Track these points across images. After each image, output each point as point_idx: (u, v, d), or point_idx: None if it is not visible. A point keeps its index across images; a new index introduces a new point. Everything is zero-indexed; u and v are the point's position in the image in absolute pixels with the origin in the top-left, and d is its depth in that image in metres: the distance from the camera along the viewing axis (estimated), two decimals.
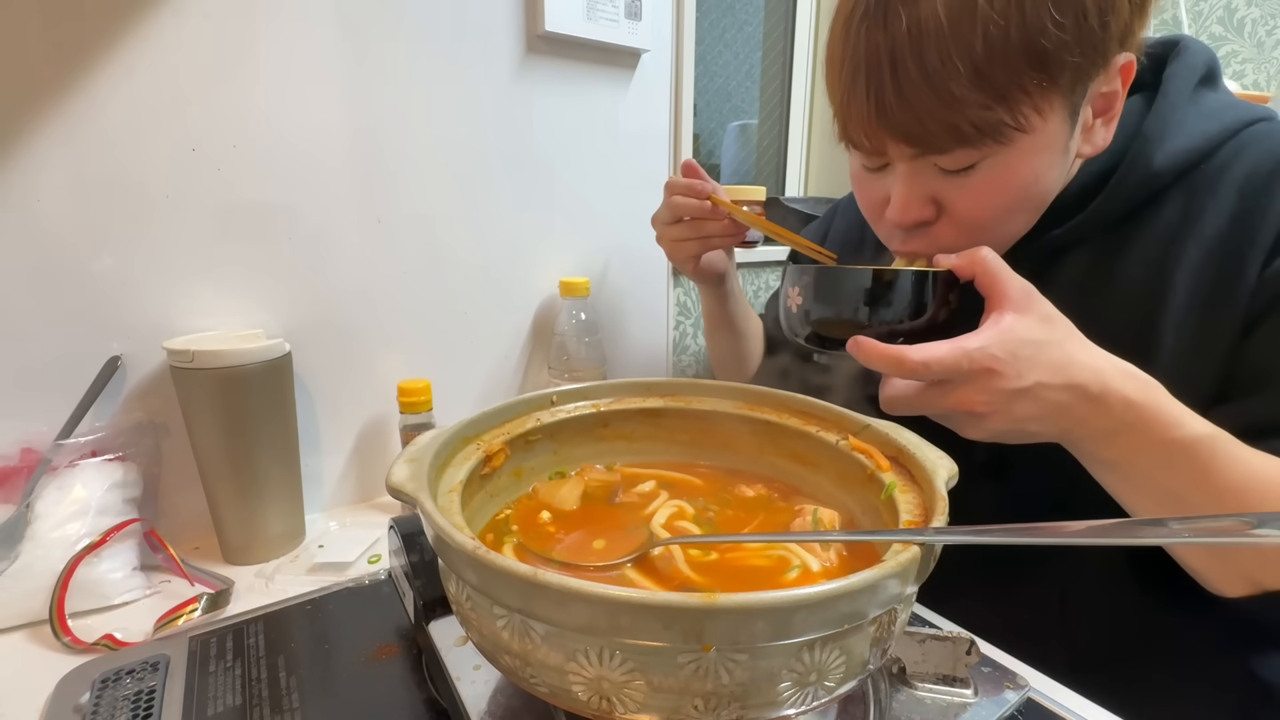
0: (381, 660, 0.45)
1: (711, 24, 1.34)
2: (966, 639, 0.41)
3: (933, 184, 0.47)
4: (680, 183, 0.66)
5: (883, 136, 0.45)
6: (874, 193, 0.51)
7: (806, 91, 1.44)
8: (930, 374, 0.39)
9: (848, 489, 0.44)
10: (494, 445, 0.44)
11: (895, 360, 0.39)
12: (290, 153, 0.64)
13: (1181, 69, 0.49)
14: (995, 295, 0.41)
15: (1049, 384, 0.39)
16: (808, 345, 0.48)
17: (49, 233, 0.55)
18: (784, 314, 0.49)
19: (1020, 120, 0.42)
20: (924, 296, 0.43)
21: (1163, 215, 0.48)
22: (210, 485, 0.59)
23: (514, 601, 0.28)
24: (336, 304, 0.69)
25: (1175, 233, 0.47)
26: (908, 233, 0.50)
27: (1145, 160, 0.47)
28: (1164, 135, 0.47)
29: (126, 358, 0.59)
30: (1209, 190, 0.46)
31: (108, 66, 0.55)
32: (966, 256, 0.42)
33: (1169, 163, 0.47)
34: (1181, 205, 0.47)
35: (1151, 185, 0.47)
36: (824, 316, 0.46)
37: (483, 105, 0.76)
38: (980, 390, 0.39)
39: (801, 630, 0.26)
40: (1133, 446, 0.41)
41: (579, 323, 0.84)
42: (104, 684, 0.42)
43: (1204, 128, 0.47)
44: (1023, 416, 0.40)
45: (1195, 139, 0.47)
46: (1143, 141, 0.47)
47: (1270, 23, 1.45)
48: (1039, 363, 0.39)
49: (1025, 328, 0.39)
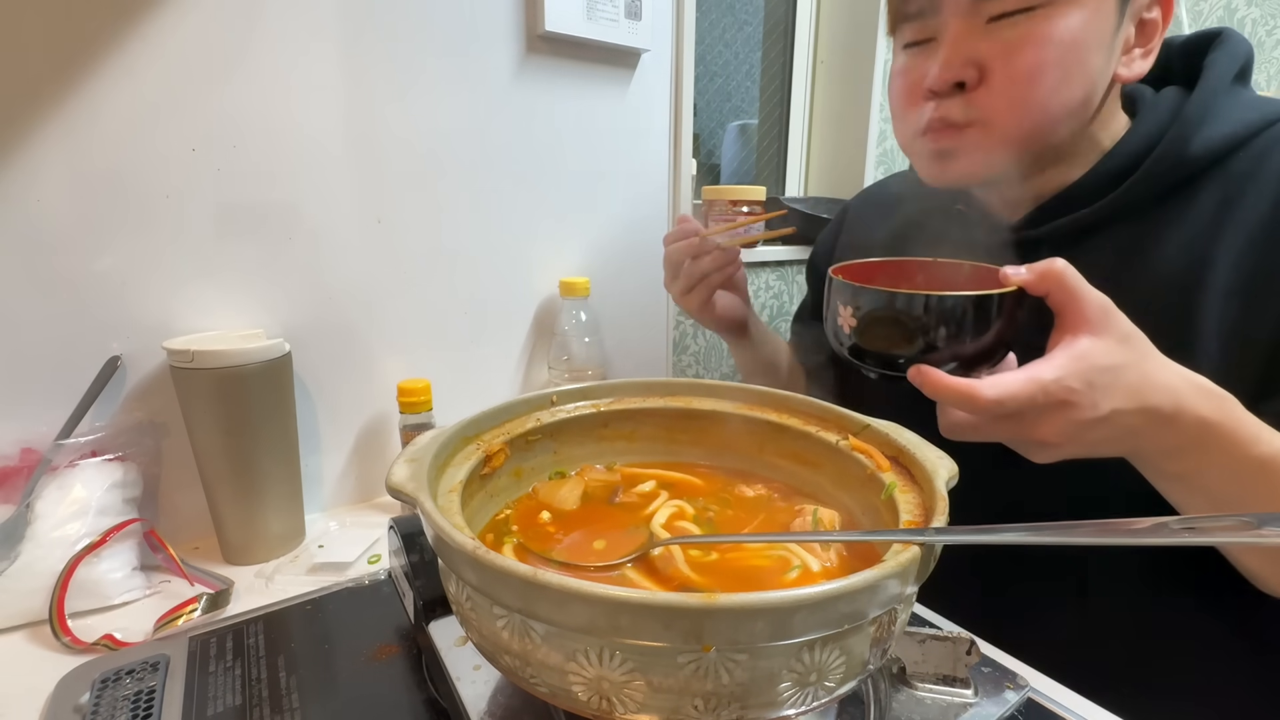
0: (381, 660, 0.45)
1: (711, 24, 1.34)
2: (966, 639, 0.41)
3: (978, 46, 0.46)
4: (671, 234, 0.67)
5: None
6: (914, 76, 0.50)
7: (806, 91, 1.44)
8: (1004, 410, 0.37)
9: (848, 489, 0.44)
10: (494, 445, 0.44)
11: (967, 397, 0.37)
12: (290, 152, 0.64)
13: (1224, 57, 0.49)
14: (1071, 314, 0.38)
15: (1124, 410, 0.38)
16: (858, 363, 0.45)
17: (49, 232, 0.55)
18: (832, 330, 0.46)
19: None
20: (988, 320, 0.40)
21: (1200, 201, 0.47)
22: (210, 485, 0.59)
23: (514, 601, 0.28)
24: (336, 304, 0.69)
25: (1215, 217, 0.46)
26: (943, 100, 0.48)
27: (1182, 143, 0.47)
28: (1204, 120, 0.47)
29: (126, 358, 0.59)
30: (1249, 177, 0.46)
31: (108, 66, 0.55)
32: (1039, 271, 0.39)
33: (1206, 148, 0.46)
34: (1220, 191, 0.47)
35: (1187, 169, 0.47)
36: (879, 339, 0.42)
37: (483, 105, 0.76)
38: (1054, 423, 0.37)
39: (801, 630, 0.26)
40: (1204, 462, 0.40)
41: (579, 323, 0.84)
42: (104, 684, 0.42)
43: (1244, 116, 0.47)
44: (1095, 441, 0.39)
45: (1235, 126, 0.47)
46: (1182, 124, 0.47)
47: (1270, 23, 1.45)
48: (1115, 390, 0.37)
49: (1103, 352, 0.37)
